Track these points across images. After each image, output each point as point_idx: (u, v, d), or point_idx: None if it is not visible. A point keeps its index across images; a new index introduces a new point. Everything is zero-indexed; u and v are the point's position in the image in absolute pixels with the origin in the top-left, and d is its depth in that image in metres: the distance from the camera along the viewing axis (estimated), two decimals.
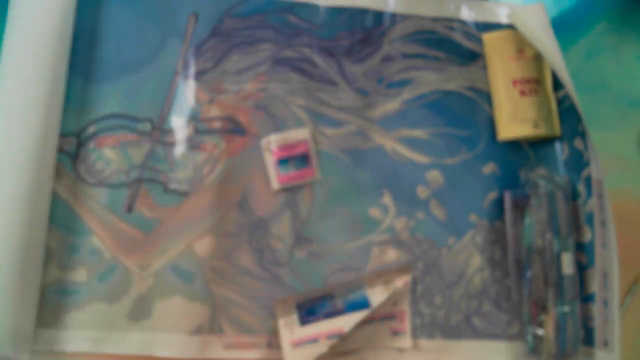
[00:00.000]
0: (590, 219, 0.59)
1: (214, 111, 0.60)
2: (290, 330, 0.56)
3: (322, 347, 0.54)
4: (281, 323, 0.56)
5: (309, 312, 0.57)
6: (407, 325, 0.58)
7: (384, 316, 0.58)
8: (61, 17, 0.54)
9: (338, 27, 0.64)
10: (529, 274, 0.59)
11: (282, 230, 0.59)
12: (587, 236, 0.59)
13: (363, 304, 0.56)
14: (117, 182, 0.57)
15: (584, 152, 0.61)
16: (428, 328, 0.59)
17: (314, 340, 0.55)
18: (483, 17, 0.67)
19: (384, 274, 0.58)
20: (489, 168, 0.64)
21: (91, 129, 0.58)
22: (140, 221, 0.57)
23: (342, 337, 0.55)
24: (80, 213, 0.56)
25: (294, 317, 0.57)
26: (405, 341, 0.58)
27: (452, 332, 0.60)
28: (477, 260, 0.62)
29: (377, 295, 0.57)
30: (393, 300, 0.58)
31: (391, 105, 0.63)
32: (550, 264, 0.58)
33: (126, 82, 0.59)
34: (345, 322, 0.55)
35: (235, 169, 0.59)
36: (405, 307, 0.59)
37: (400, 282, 0.58)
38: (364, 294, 0.57)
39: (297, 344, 0.55)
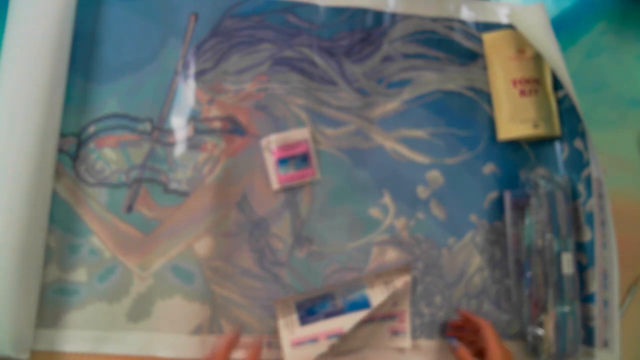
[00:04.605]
0: (590, 219, 0.59)
1: (214, 111, 0.60)
2: (290, 330, 0.56)
3: (322, 347, 0.54)
4: (281, 323, 0.56)
5: (309, 312, 0.57)
6: (407, 325, 0.58)
7: (384, 316, 0.58)
8: (61, 18, 0.54)
9: (338, 27, 0.64)
10: (529, 274, 0.59)
11: (282, 230, 0.59)
12: (587, 236, 0.59)
13: (363, 304, 0.56)
14: (117, 182, 0.57)
15: (584, 152, 0.61)
16: (428, 328, 0.59)
17: (313, 340, 0.55)
18: (483, 17, 0.67)
19: (384, 274, 0.58)
20: (489, 168, 0.64)
21: (91, 129, 0.58)
22: (140, 221, 0.57)
23: (342, 337, 0.55)
24: (80, 213, 0.56)
25: (294, 317, 0.57)
26: (405, 341, 0.58)
27: None
28: (477, 260, 0.62)
29: (377, 295, 0.57)
30: (393, 300, 0.58)
31: (391, 105, 0.63)
32: (550, 264, 0.58)
33: (126, 82, 0.59)
34: (345, 322, 0.55)
35: (235, 169, 0.59)
36: (405, 307, 0.59)
37: (400, 282, 0.58)
38: (364, 294, 0.57)
39: (297, 343, 0.55)
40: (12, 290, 0.49)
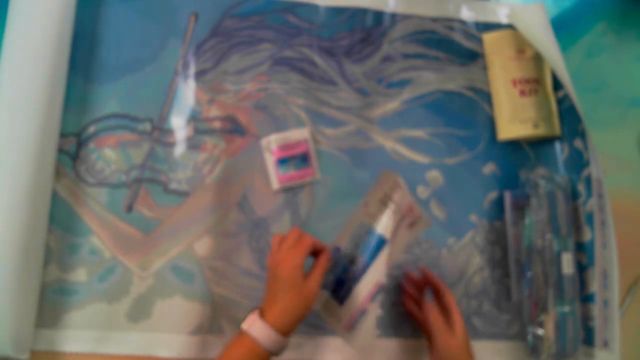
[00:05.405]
0: (590, 219, 0.59)
1: (214, 111, 0.60)
2: (335, 317, 0.54)
3: (374, 313, 0.53)
4: (323, 315, 0.55)
5: (337, 285, 0.55)
6: (420, 212, 0.58)
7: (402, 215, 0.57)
8: (61, 18, 0.54)
9: (338, 27, 0.64)
10: (529, 274, 0.59)
11: (282, 230, 0.59)
12: (587, 236, 0.59)
13: (380, 243, 0.55)
14: (117, 182, 0.57)
15: (584, 152, 0.61)
16: None
17: (363, 312, 0.53)
18: (483, 17, 0.67)
19: (374, 195, 0.56)
20: (489, 168, 0.64)
21: (91, 129, 0.58)
22: (140, 221, 0.57)
23: (384, 288, 0.53)
24: (80, 213, 0.56)
25: (331, 302, 0.55)
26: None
27: None
28: (477, 260, 0.62)
29: (384, 223, 0.55)
30: (400, 214, 0.57)
31: (391, 105, 0.63)
32: (550, 264, 0.58)
33: (126, 82, 0.59)
34: (377, 272, 0.54)
35: (235, 169, 0.59)
36: (410, 201, 0.57)
37: (397, 195, 0.56)
38: (374, 231, 0.56)
39: (350, 325, 0.54)
40: (12, 290, 0.49)
